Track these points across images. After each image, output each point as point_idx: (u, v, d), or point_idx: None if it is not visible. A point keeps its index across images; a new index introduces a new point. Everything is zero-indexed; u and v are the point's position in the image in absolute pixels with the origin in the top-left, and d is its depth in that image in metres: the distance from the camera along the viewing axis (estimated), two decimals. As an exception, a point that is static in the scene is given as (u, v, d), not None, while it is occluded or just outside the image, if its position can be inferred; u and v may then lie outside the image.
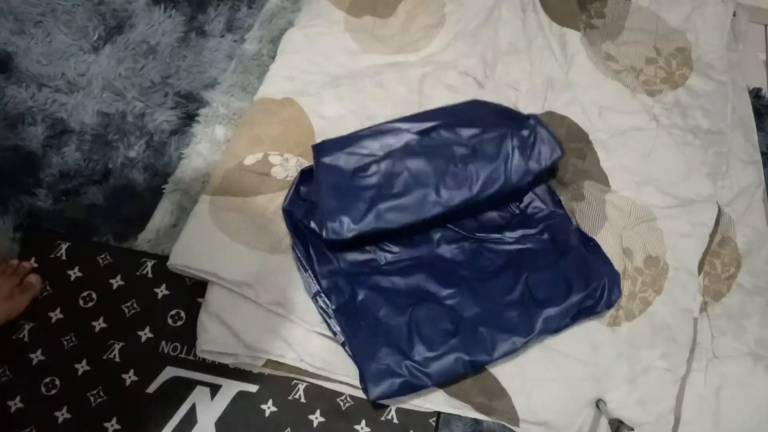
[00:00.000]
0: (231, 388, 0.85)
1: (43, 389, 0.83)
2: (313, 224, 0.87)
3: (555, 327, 0.86)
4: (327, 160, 0.87)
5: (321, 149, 0.89)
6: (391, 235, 0.89)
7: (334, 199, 0.84)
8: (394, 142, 0.89)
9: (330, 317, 0.84)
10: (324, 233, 0.83)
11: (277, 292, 0.86)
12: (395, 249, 0.92)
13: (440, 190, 0.87)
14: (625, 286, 0.93)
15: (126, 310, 0.89)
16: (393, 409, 0.86)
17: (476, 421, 0.86)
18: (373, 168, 0.87)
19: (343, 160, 0.87)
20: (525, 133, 0.92)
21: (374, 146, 0.89)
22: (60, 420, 0.82)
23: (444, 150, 0.89)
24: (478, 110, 0.98)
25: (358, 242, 0.87)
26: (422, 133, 0.91)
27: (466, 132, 0.90)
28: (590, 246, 0.94)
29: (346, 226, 0.83)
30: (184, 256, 0.87)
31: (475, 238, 0.93)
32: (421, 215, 0.86)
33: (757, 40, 1.34)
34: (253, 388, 0.86)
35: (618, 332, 0.91)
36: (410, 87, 1.08)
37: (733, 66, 1.21)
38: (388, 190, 0.85)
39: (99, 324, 0.88)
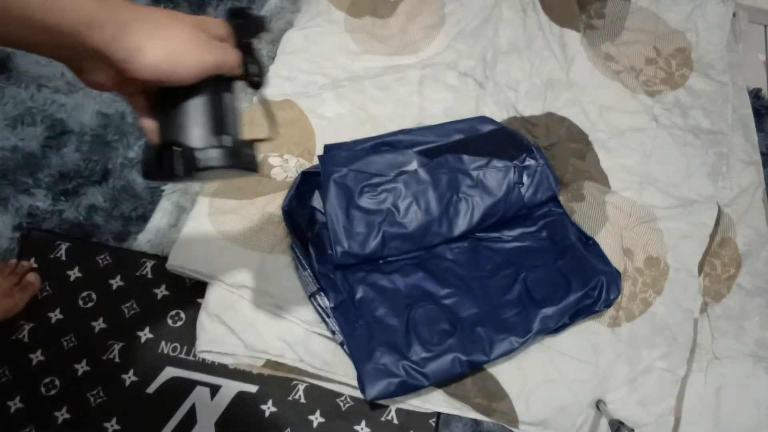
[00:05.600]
0: (231, 389, 0.85)
1: (43, 389, 0.83)
2: (309, 234, 0.89)
3: (553, 326, 0.85)
4: (336, 177, 0.88)
5: (330, 161, 0.90)
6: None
7: (343, 221, 0.86)
8: (402, 161, 0.91)
9: (329, 316, 0.84)
10: (332, 258, 0.85)
11: (276, 292, 0.86)
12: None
13: (443, 221, 0.90)
14: (626, 286, 0.93)
15: (125, 311, 0.89)
16: (393, 409, 0.86)
17: (476, 422, 0.86)
18: (383, 195, 0.89)
19: (351, 178, 0.88)
20: (527, 167, 0.95)
21: (382, 165, 0.91)
22: (60, 420, 0.82)
23: (450, 180, 0.91)
24: (485, 135, 1.01)
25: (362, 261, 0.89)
26: (429, 155, 0.93)
27: (472, 162, 0.93)
28: (589, 245, 0.94)
29: (354, 252, 0.86)
30: (183, 258, 0.87)
31: (473, 237, 0.93)
32: (422, 244, 0.90)
33: (757, 41, 1.34)
34: (252, 388, 0.86)
35: (618, 333, 0.91)
36: (410, 88, 1.08)
37: (733, 66, 1.21)
38: (396, 218, 0.88)
39: (99, 324, 0.88)
